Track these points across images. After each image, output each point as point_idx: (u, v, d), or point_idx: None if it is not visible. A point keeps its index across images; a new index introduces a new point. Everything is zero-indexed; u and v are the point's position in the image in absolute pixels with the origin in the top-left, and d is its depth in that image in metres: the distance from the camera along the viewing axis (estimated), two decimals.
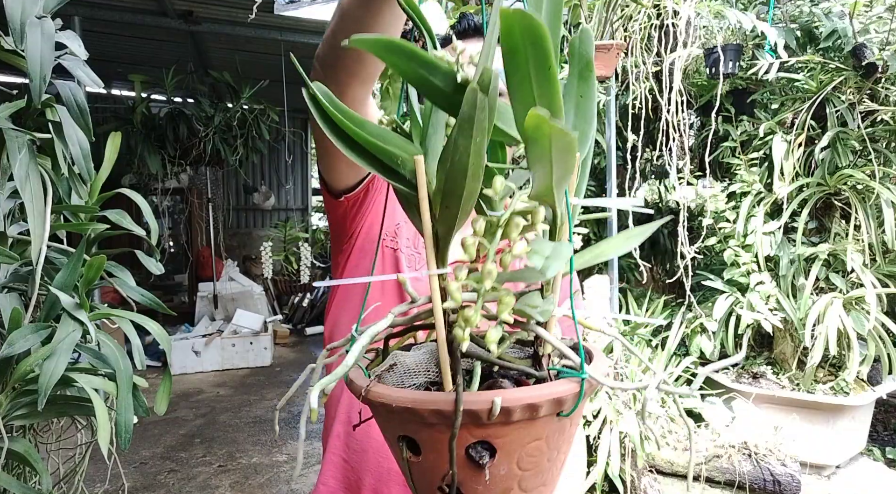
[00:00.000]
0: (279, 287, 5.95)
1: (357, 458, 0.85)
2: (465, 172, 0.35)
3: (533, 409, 0.36)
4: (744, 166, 2.88)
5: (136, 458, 3.19)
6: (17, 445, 0.86)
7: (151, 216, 1.10)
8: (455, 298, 0.35)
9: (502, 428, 0.36)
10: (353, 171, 0.85)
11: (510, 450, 0.37)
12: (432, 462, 0.38)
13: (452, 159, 0.35)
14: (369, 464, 0.83)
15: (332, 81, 0.70)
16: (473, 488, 0.38)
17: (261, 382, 4.60)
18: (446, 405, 0.35)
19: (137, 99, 4.32)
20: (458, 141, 0.33)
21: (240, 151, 4.76)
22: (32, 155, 0.86)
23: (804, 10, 2.81)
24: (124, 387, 0.88)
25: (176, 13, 3.76)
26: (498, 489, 0.39)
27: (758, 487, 2.27)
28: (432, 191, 0.39)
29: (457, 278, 0.35)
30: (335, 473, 0.87)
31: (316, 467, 3.10)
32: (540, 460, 0.39)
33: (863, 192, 2.59)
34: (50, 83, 0.86)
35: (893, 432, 3.16)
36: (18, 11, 0.81)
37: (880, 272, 2.58)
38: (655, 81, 2.70)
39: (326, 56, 0.70)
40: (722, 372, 2.86)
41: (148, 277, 5.13)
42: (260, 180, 6.95)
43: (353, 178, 0.85)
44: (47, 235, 0.87)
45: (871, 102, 2.58)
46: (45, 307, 0.88)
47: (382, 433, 0.43)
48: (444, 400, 0.35)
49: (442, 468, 0.38)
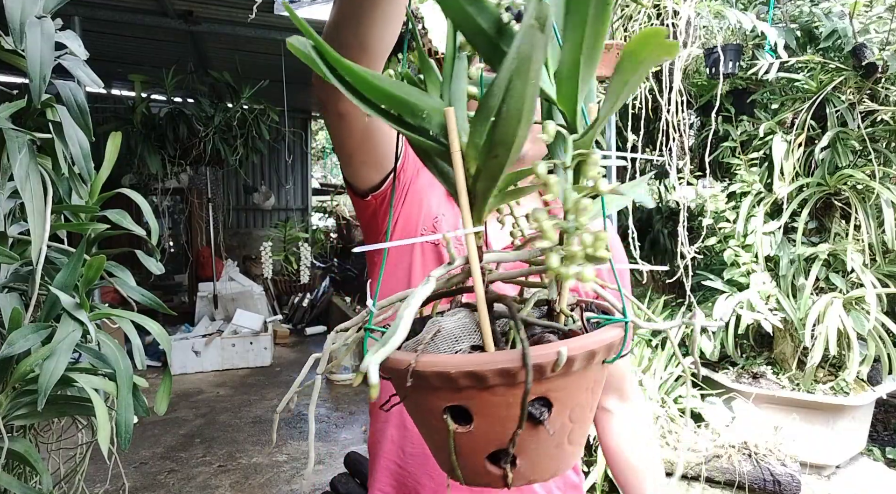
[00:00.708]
0: (279, 287, 5.95)
1: (415, 462, 0.83)
2: (519, 117, 0.33)
3: (591, 357, 0.36)
4: (744, 166, 2.88)
5: (136, 458, 3.19)
6: (18, 445, 0.86)
7: (151, 216, 1.10)
8: (550, 236, 0.34)
9: (561, 380, 0.36)
10: (377, 168, 0.82)
11: (565, 403, 0.37)
12: (485, 430, 0.37)
13: (507, 104, 0.32)
14: (428, 467, 0.82)
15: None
16: (528, 448, 0.38)
17: (261, 382, 4.60)
18: (512, 362, 0.34)
19: (137, 99, 4.32)
20: (515, 83, 0.31)
21: (240, 151, 4.75)
22: (32, 155, 0.86)
23: (804, 10, 2.81)
24: (124, 387, 0.88)
25: (176, 13, 3.76)
26: (552, 444, 0.38)
27: (758, 487, 2.27)
28: (463, 144, 0.37)
29: (537, 220, 0.34)
30: (390, 479, 0.86)
31: (316, 466, 3.10)
32: (585, 411, 0.40)
33: (863, 192, 2.59)
34: (50, 83, 0.86)
35: (893, 432, 3.16)
36: (18, 11, 0.81)
37: (880, 272, 2.58)
38: (655, 81, 2.70)
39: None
40: (722, 372, 2.86)
41: (148, 277, 5.13)
42: (260, 180, 6.95)
43: (376, 175, 0.83)
44: (47, 235, 0.87)
45: (871, 102, 2.59)
46: (45, 307, 0.88)
47: (417, 412, 0.40)
48: (508, 359, 0.34)
49: (495, 434, 0.37)
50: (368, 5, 0.61)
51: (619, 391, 0.94)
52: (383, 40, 0.64)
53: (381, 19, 0.62)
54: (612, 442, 0.94)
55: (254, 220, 7.16)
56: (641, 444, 0.93)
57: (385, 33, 0.63)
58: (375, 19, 0.62)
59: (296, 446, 3.35)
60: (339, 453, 3.26)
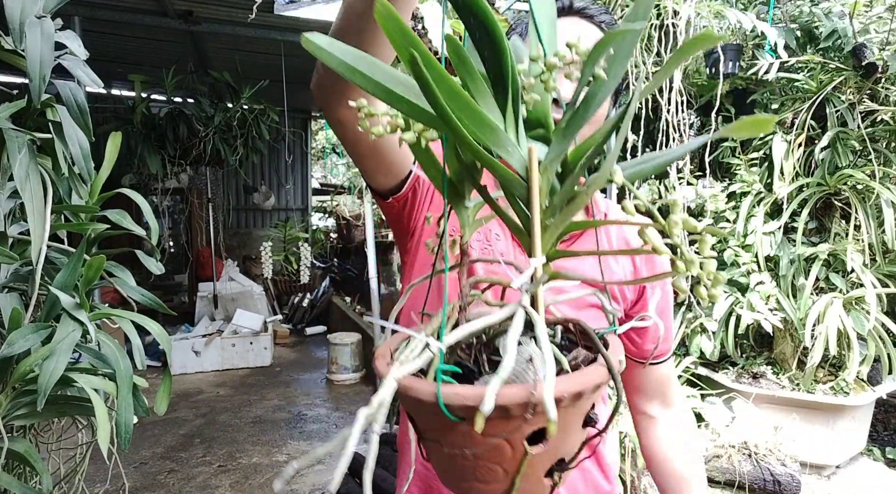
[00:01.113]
0: (279, 287, 5.95)
1: None
2: (610, 177, 0.34)
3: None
4: (744, 166, 2.88)
5: (136, 458, 3.19)
6: (18, 445, 0.86)
7: (151, 216, 1.10)
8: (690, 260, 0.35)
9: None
10: (390, 174, 0.80)
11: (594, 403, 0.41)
12: (556, 445, 0.38)
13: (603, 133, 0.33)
14: None
15: (335, 88, 0.68)
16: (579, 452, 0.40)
17: (261, 382, 4.60)
18: (602, 377, 0.37)
19: (137, 99, 4.32)
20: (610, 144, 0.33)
21: (240, 151, 4.76)
22: (32, 155, 0.86)
23: (804, 10, 2.81)
24: (124, 387, 0.88)
25: (176, 13, 3.76)
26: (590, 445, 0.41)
27: (758, 487, 2.27)
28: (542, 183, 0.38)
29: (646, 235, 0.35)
30: (417, 481, 0.85)
31: (316, 466, 3.10)
32: None
33: (863, 192, 2.59)
34: (50, 83, 0.86)
35: (893, 432, 3.16)
36: (18, 11, 0.81)
37: (880, 272, 2.58)
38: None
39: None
40: (722, 372, 2.86)
41: (148, 277, 5.13)
42: (260, 180, 6.95)
43: (393, 179, 0.81)
44: (47, 235, 0.87)
45: (871, 102, 2.59)
46: (45, 307, 0.88)
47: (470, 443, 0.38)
48: (600, 374, 0.37)
49: (564, 448, 0.38)
50: (372, 22, 0.60)
51: (662, 397, 0.93)
52: (384, 56, 0.64)
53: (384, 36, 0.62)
54: (656, 449, 0.92)
55: (254, 220, 7.16)
56: (685, 451, 0.91)
57: (387, 49, 0.63)
58: (378, 36, 0.61)
59: (296, 446, 3.35)
60: (339, 453, 3.25)
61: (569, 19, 0.84)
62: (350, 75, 0.35)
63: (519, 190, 0.38)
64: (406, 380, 0.35)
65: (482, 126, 0.35)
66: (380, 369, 0.39)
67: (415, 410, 0.38)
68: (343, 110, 0.70)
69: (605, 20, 0.86)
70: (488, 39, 0.36)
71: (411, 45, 0.31)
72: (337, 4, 0.66)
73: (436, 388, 0.34)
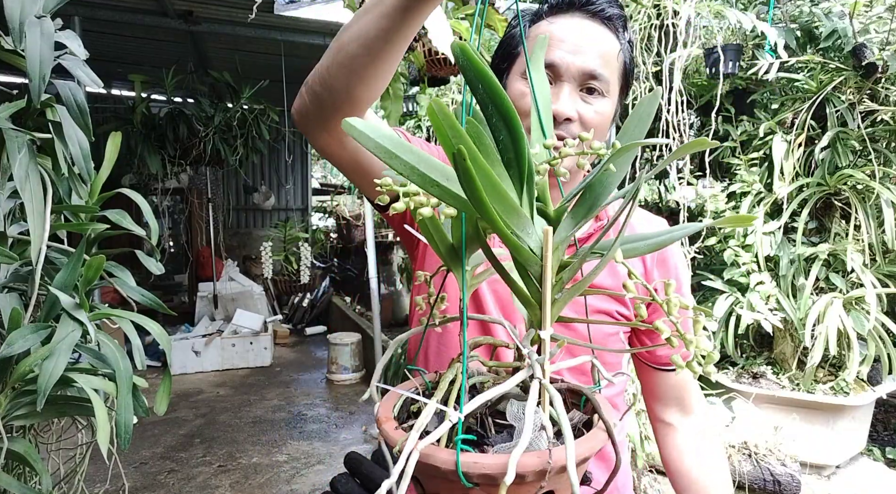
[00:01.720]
0: (279, 287, 5.95)
1: None
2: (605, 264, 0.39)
3: None
4: (744, 166, 2.88)
5: (136, 458, 3.19)
6: (17, 445, 0.86)
7: (151, 216, 1.10)
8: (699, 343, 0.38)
9: None
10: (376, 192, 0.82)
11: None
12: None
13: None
14: None
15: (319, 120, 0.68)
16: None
17: (261, 382, 4.60)
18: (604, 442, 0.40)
19: (137, 99, 4.32)
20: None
21: (240, 151, 4.76)
22: (32, 155, 0.86)
23: (804, 10, 2.81)
24: (124, 387, 0.88)
25: (176, 13, 3.76)
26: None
27: (758, 487, 2.27)
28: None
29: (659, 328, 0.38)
30: None
31: (316, 466, 3.10)
32: None
33: (863, 192, 2.59)
34: (50, 83, 0.86)
35: (893, 432, 3.16)
36: (18, 11, 0.81)
37: (880, 272, 2.58)
38: (655, 81, 2.70)
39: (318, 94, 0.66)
40: (722, 372, 2.86)
41: (148, 277, 5.13)
42: (260, 180, 6.95)
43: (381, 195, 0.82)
44: (47, 235, 0.87)
45: (871, 102, 2.58)
46: (45, 307, 0.88)
47: None
48: (603, 438, 0.40)
49: None
50: (364, 62, 0.60)
51: (680, 404, 0.88)
52: (373, 92, 0.64)
53: (374, 76, 0.62)
54: (675, 459, 0.87)
55: (254, 220, 7.16)
56: (706, 461, 0.86)
57: (376, 87, 0.64)
58: (367, 76, 0.62)
59: (296, 446, 3.35)
60: (339, 453, 3.26)
61: (570, 19, 0.76)
62: (387, 159, 0.38)
63: (534, 268, 0.41)
64: (425, 448, 0.36)
65: (510, 212, 0.38)
66: (391, 435, 0.39)
67: (426, 474, 0.39)
68: (325, 137, 0.71)
69: (613, 14, 0.76)
70: (504, 126, 0.38)
71: (460, 141, 0.34)
72: (337, 4, 0.66)
73: (454, 456, 0.35)
